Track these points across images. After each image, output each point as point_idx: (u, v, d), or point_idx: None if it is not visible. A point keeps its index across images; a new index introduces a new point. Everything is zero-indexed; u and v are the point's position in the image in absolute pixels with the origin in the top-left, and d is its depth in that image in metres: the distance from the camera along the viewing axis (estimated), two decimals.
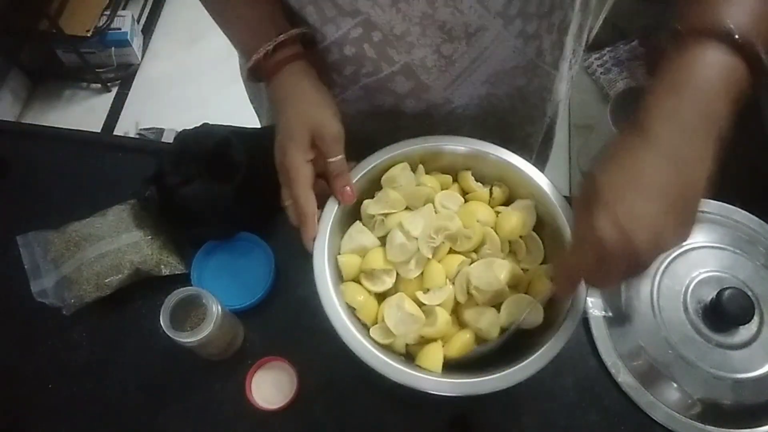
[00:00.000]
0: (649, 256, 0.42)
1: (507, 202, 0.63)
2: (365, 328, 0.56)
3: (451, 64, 0.62)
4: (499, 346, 0.54)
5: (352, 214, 0.61)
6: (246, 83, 0.83)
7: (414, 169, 0.63)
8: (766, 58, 0.41)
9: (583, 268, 0.46)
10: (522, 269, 0.59)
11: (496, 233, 0.59)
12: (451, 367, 0.54)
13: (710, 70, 0.41)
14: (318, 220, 0.56)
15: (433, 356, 0.54)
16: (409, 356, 0.57)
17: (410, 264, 0.57)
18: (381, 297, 0.58)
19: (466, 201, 0.63)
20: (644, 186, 0.41)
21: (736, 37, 0.41)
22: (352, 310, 0.56)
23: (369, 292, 0.58)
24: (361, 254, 0.59)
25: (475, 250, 0.60)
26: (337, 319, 0.53)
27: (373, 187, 0.62)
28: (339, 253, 0.59)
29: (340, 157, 0.57)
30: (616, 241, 0.41)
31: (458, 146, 0.62)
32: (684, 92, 0.42)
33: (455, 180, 0.65)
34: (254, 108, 0.93)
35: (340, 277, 0.59)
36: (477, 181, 0.64)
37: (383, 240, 0.59)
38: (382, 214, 0.59)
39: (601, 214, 0.42)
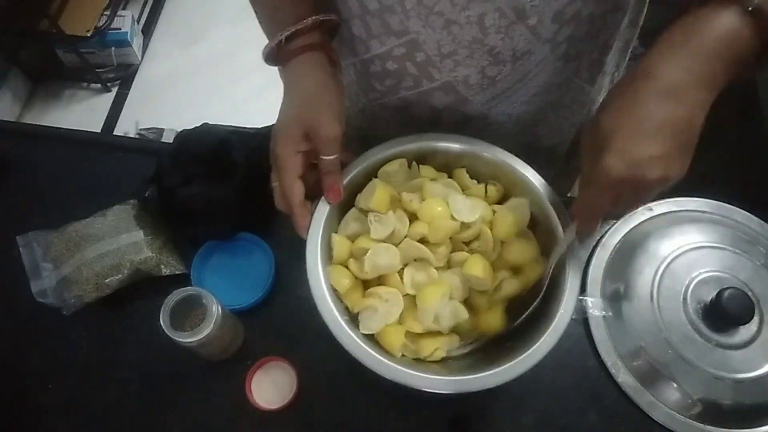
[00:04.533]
0: (660, 187, 0.46)
1: (501, 201, 0.64)
2: (354, 322, 0.57)
3: (494, 84, 0.62)
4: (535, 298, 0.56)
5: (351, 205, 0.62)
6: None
7: (409, 166, 0.63)
8: None
9: (601, 206, 0.49)
10: (514, 265, 0.60)
11: (491, 230, 0.60)
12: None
13: (719, 32, 0.43)
14: (311, 209, 0.58)
15: (394, 337, 0.56)
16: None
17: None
18: (366, 284, 0.59)
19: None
20: (649, 125, 0.44)
21: (755, 3, 0.42)
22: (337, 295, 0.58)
23: (356, 277, 0.59)
24: (353, 239, 0.60)
25: (468, 242, 0.60)
26: (328, 314, 0.54)
27: (368, 182, 0.62)
28: (335, 232, 0.60)
29: (332, 156, 0.56)
30: (630, 178, 0.45)
31: (453, 144, 0.63)
32: (691, 46, 0.44)
33: (450, 177, 0.65)
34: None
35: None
36: (472, 179, 0.64)
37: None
38: (376, 217, 0.59)
39: (612, 156, 0.45)
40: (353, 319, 0.57)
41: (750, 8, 0.42)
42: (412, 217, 0.60)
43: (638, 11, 0.65)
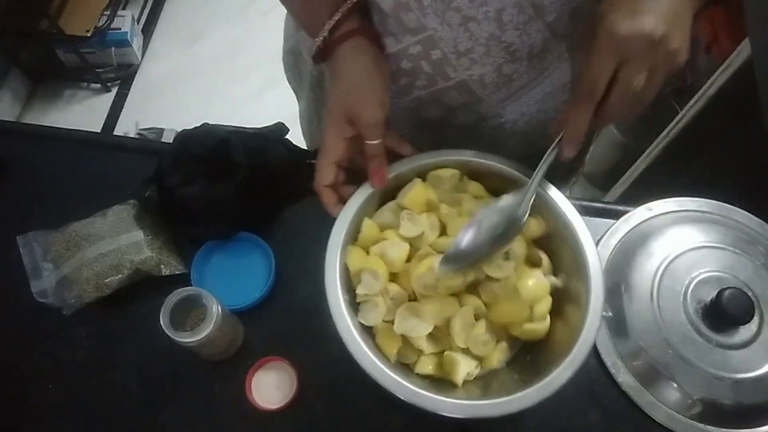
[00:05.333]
0: (663, 54, 0.46)
1: (541, 238, 0.60)
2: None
3: (509, 82, 0.62)
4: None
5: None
6: (284, 62, 0.85)
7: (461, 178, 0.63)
8: None
9: (604, 73, 0.47)
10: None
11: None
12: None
13: None
14: (339, 194, 0.59)
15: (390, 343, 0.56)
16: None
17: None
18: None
19: None
20: (644, 3, 0.46)
21: None
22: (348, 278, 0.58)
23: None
24: (383, 228, 0.61)
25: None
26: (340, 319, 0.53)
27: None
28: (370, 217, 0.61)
29: (377, 141, 0.57)
30: (633, 33, 0.45)
31: (514, 172, 0.61)
32: None
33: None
34: (293, 88, 0.93)
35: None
36: None
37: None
38: (409, 214, 0.59)
39: (611, 16, 0.46)
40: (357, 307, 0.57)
41: None
42: (444, 230, 0.60)
43: None
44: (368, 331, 0.58)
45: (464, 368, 0.55)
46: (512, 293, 0.55)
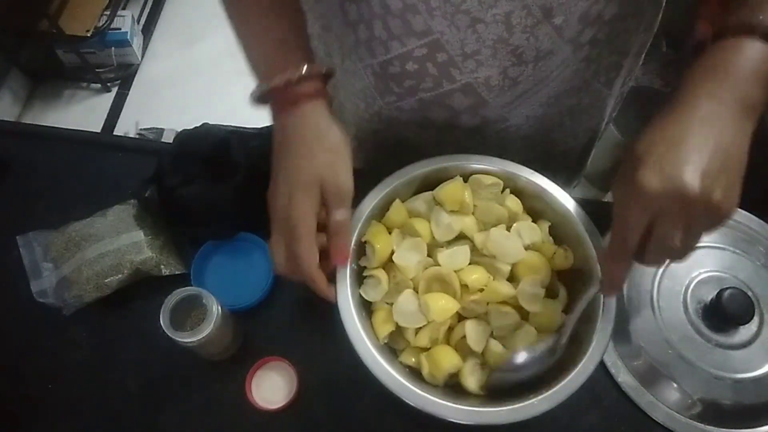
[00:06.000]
0: (705, 212, 0.41)
1: (568, 269, 0.59)
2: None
3: (515, 85, 0.62)
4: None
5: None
6: None
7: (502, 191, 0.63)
8: None
9: (635, 230, 0.44)
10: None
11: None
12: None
13: (746, 60, 0.44)
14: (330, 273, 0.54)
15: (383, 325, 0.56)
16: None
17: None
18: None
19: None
20: (687, 145, 0.42)
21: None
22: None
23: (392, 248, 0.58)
24: (411, 215, 0.61)
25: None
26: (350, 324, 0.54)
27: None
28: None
29: (345, 215, 0.53)
30: (667, 192, 0.41)
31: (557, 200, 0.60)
32: (722, 77, 0.44)
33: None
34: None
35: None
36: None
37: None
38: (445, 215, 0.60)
39: (646, 170, 0.42)
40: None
41: (766, 33, 0.43)
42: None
43: (653, 16, 0.65)
44: (367, 308, 0.58)
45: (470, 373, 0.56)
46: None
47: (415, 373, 0.56)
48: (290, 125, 0.53)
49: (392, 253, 0.58)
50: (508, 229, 0.60)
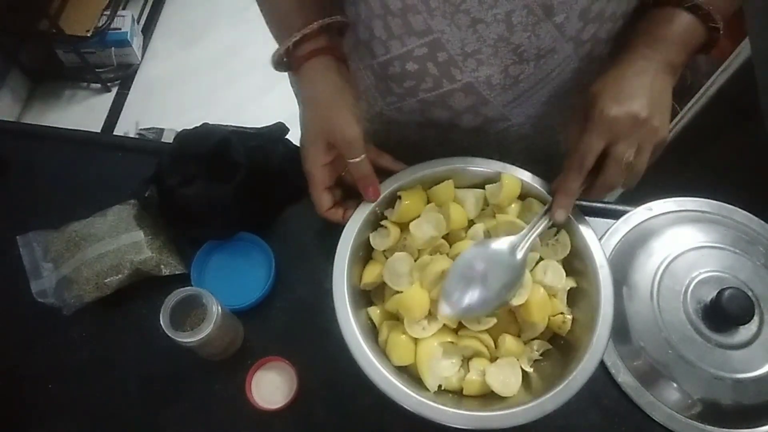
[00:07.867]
0: (649, 133, 0.53)
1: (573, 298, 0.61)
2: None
3: (516, 84, 0.62)
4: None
5: None
6: None
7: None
8: (720, 24, 0.56)
9: (593, 151, 0.54)
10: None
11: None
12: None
13: (674, 29, 0.56)
14: (350, 209, 0.61)
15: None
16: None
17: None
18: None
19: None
20: (630, 88, 0.54)
21: (701, 6, 0.55)
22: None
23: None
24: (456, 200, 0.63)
25: None
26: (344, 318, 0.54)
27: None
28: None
29: (360, 158, 0.57)
30: (623, 115, 0.52)
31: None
32: (652, 43, 0.56)
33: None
34: (294, 92, 0.93)
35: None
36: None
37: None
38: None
39: (602, 100, 0.53)
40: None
41: (687, 5, 0.55)
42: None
43: None
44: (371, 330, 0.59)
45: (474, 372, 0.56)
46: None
47: (414, 378, 0.57)
48: (300, 85, 0.61)
49: (417, 217, 0.60)
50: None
